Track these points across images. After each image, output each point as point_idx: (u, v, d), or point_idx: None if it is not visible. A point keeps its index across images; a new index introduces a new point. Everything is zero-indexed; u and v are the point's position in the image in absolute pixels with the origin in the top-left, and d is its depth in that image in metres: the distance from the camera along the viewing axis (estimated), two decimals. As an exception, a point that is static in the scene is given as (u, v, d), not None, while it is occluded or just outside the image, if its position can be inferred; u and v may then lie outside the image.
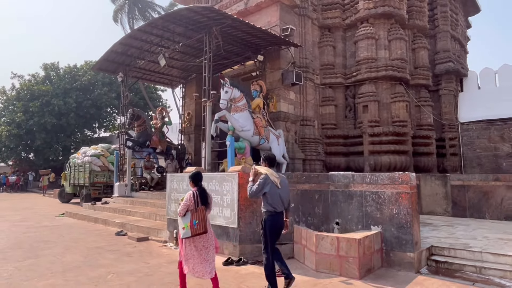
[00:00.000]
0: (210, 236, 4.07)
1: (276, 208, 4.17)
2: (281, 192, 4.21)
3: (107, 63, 12.73)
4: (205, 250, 4.01)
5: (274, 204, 4.17)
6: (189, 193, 4.09)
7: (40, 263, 5.55)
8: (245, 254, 5.66)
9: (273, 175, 4.20)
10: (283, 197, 4.23)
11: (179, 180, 6.97)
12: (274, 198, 4.16)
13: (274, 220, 4.19)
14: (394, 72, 12.28)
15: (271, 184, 4.14)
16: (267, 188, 4.14)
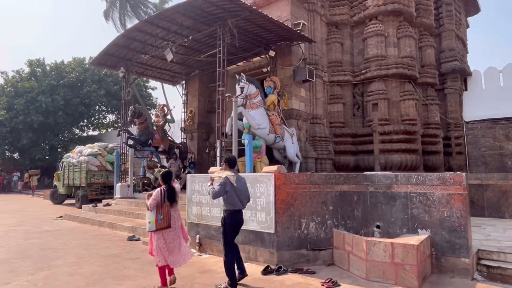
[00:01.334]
0: (177, 229, 4.48)
1: (235, 206, 4.54)
2: (240, 192, 4.56)
3: (107, 57, 12.06)
4: (173, 243, 4.42)
5: (234, 203, 4.52)
6: (157, 190, 4.43)
7: (57, 276, 4.99)
8: (283, 261, 5.27)
9: (232, 176, 4.51)
10: (241, 196, 4.58)
11: (202, 181, 6.50)
12: (233, 198, 4.50)
13: (233, 217, 4.56)
14: (404, 70, 12.11)
15: (230, 184, 4.45)
16: (228, 188, 4.43)
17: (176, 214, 4.50)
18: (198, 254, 6.21)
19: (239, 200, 4.55)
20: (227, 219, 4.56)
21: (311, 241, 5.45)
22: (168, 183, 4.51)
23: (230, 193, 4.47)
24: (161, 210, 4.28)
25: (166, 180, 4.53)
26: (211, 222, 6.25)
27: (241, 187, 4.59)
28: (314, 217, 5.50)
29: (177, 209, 4.56)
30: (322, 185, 5.60)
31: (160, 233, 4.34)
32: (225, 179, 4.44)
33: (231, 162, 4.71)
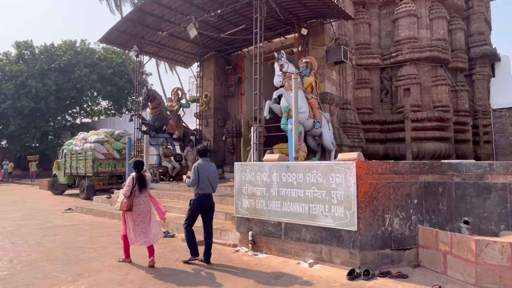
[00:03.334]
0: (146, 212, 4.91)
1: (205, 191, 5.02)
2: (210, 178, 5.02)
3: (118, 34, 10.94)
4: (142, 225, 4.85)
5: (204, 188, 5.00)
6: (129, 177, 4.91)
7: (105, 285, 4.13)
8: (366, 263, 4.54)
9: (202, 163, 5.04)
10: (212, 181, 5.06)
11: (256, 170, 5.67)
12: (204, 183, 4.97)
13: (201, 200, 5.05)
14: (438, 53, 11.41)
15: (201, 171, 4.93)
16: (200, 174, 4.93)
17: (146, 200, 4.96)
18: (253, 254, 5.43)
19: (211, 185, 5.05)
20: (197, 201, 5.04)
21: (395, 240, 4.72)
22: (139, 171, 4.92)
23: (203, 178, 4.94)
24: (130, 196, 4.81)
25: (136, 168, 4.96)
26: (268, 217, 5.46)
27: (212, 174, 5.10)
28: (398, 212, 4.77)
29: (147, 195, 5.01)
30: (406, 175, 4.85)
31: (129, 214, 4.85)
32: (196, 166, 4.99)
33: (201, 153, 5.21)
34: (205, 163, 5.08)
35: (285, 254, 5.24)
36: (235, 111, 13.27)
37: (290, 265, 4.86)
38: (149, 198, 5.02)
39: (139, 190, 4.82)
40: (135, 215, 4.81)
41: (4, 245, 5.96)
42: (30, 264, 4.86)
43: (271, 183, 5.45)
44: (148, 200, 5.01)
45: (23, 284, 4.08)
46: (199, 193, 5.00)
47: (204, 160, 5.11)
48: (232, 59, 13.48)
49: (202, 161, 5.08)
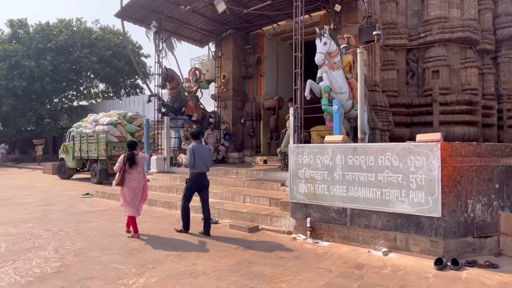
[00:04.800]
0: (139, 188, 5.39)
1: (199, 170, 5.51)
2: (204, 158, 5.51)
3: (135, 8, 10.26)
4: (133, 201, 5.35)
5: (198, 167, 5.48)
6: (121, 156, 5.43)
7: (174, 277, 3.75)
8: (449, 252, 4.23)
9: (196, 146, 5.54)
10: (206, 162, 5.56)
11: (315, 153, 5.26)
12: (199, 163, 5.46)
13: (197, 178, 5.54)
14: (470, 33, 11.03)
15: (196, 152, 5.42)
16: (196, 155, 5.42)
17: (139, 176, 5.41)
18: (313, 241, 5.08)
19: (205, 165, 5.54)
20: (192, 180, 5.56)
21: (477, 227, 4.42)
22: (131, 150, 5.44)
23: (198, 158, 5.42)
24: (120, 172, 5.29)
25: (130, 148, 5.50)
26: (330, 203, 5.10)
27: (206, 155, 5.61)
28: (480, 197, 4.44)
29: (140, 171, 5.43)
30: (488, 157, 4.51)
31: (124, 189, 5.37)
32: (191, 148, 5.47)
33: (194, 136, 5.74)
34: (199, 145, 5.64)
35: (351, 242, 4.91)
36: (254, 92, 12.76)
37: (361, 253, 4.53)
38: (142, 175, 5.48)
39: (129, 167, 5.30)
40: (129, 189, 5.32)
41: (39, 232, 5.50)
42: (79, 254, 4.43)
43: (334, 166, 5.06)
44: (141, 177, 5.46)
45: (84, 277, 3.66)
46: (194, 172, 5.52)
47: (198, 143, 5.67)
48: (251, 38, 12.87)
49: (195, 143, 5.62)
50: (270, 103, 11.82)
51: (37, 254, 4.40)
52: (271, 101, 11.79)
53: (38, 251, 4.53)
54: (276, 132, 11.60)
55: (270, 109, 11.85)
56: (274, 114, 11.70)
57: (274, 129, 11.65)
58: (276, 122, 11.66)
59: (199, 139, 5.82)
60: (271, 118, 11.77)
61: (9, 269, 3.86)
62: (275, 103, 11.71)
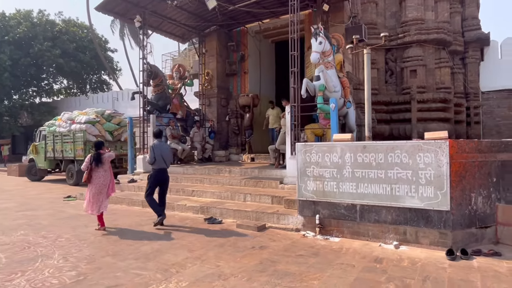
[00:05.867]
0: (105, 185, 5.79)
1: (160, 166, 6.05)
2: (164, 156, 6.06)
3: (117, 2, 9.81)
4: (97, 197, 5.72)
5: (159, 163, 6.03)
6: (88, 156, 5.86)
7: (210, 280, 3.70)
8: (456, 242, 4.51)
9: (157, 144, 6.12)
10: (166, 159, 6.11)
11: (324, 151, 5.36)
12: (159, 160, 6.01)
13: (157, 174, 6.08)
14: (444, 35, 11.70)
15: (156, 150, 5.97)
16: (155, 153, 5.95)
17: (105, 174, 5.83)
18: (323, 238, 5.19)
19: (165, 162, 6.08)
20: (153, 175, 6.08)
21: (479, 218, 4.74)
22: (97, 150, 5.85)
23: (158, 156, 5.96)
24: (87, 170, 5.69)
25: (96, 148, 5.91)
26: (340, 199, 5.23)
27: (166, 152, 6.16)
28: (481, 190, 4.77)
29: (106, 169, 5.85)
30: (487, 153, 4.85)
31: (90, 186, 5.75)
32: (152, 146, 6.05)
33: (156, 135, 6.39)
34: (159, 143, 6.17)
35: (361, 236, 5.08)
36: (238, 90, 12.71)
37: (374, 248, 4.71)
38: (109, 173, 5.89)
39: (95, 165, 5.71)
40: (95, 186, 5.69)
41: (37, 240, 5.17)
42: (92, 261, 4.23)
43: (344, 164, 5.20)
44: (108, 174, 5.86)
45: (109, 285, 3.50)
46: (155, 168, 6.05)
47: (159, 141, 6.22)
48: (234, 35, 12.78)
49: (156, 141, 6.19)
50: (244, 100, 11.70)
51: (46, 263, 4.14)
52: (246, 99, 11.68)
53: (45, 260, 4.26)
54: (251, 130, 11.60)
55: (245, 107, 11.72)
56: (249, 112, 11.58)
57: (249, 126, 11.60)
58: (251, 120, 11.60)
59: (160, 138, 6.38)
60: (246, 115, 11.63)
61: (22, 281, 3.61)
62: (249, 100, 11.61)
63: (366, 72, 6.34)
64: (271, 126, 10.78)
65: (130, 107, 24.10)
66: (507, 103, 13.82)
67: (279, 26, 12.09)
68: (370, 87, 6.38)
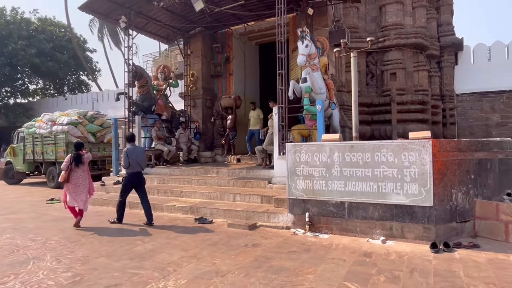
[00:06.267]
0: (84, 185, 6.05)
1: (133, 170, 6.22)
2: (138, 159, 6.21)
3: (102, 2, 9.68)
4: (74, 193, 5.97)
5: (132, 167, 6.18)
6: (68, 156, 6.08)
7: (209, 276, 3.77)
8: (439, 236, 4.77)
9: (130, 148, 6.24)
10: (140, 162, 6.27)
11: (313, 151, 5.54)
12: (133, 163, 6.15)
13: (131, 177, 6.25)
14: (422, 40, 12.19)
15: (129, 154, 6.12)
16: (129, 157, 6.10)
17: (84, 174, 6.06)
18: (313, 234, 5.36)
19: (139, 165, 6.24)
20: (127, 178, 6.27)
21: (459, 213, 5.04)
22: (77, 151, 6.08)
23: (132, 160, 6.10)
24: (66, 170, 5.89)
25: (75, 149, 6.15)
26: (329, 197, 5.42)
27: (140, 156, 6.31)
28: (461, 187, 5.07)
29: (85, 170, 6.10)
30: (466, 152, 5.16)
31: (69, 185, 5.93)
32: (125, 150, 6.17)
33: (128, 139, 6.51)
34: (133, 147, 6.31)
35: (349, 233, 5.28)
36: (223, 91, 12.77)
37: (362, 243, 4.91)
38: (87, 174, 6.13)
39: (75, 165, 5.92)
40: (74, 186, 5.92)
41: (25, 243, 5.07)
42: (87, 262, 4.21)
43: (332, 163, 5.39)
44: (86, 174, 6.11)
45: (108, 285, 3.52)
46: (129, 172, 6.21)
47: (132, 145, 6.36)
48: (219, 36, 12.85)
49: (130, 146, 6.32)
50: (227, 102, 11.64)
51: (38, 265, 4.09)
52: (228, 100, 11.63)
53: (37, 262, 4.21)
54: (234, 131, 11.58)
55: (227, 108, 11.69)
56: (232, 114, 11.56)
57: (232, 128, 11.57)
58: (234, 122, 11.58)
59: (134, 142, 6.54)
60: (228, 117, 11.59)
61: (16, 283, 3.57)
62: (232, 102, 11.58)
63: (353, 75, 6.57)
64: (252, 128, 10.88)
65: (110, 108, 23.70)
66: (479, 105, 14.55)
67: (263, 29, 12.25)
68: (356, 90, 6.61)
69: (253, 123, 10.89)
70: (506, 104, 14.22)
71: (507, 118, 14.24)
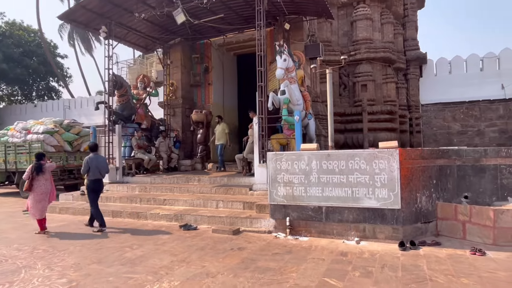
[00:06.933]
0: (46, 193, 6.35)
1: (95, 177, 6.67)
2: (99, 166, 6.71)
3: (82, 11, 9.74)
4: (42, 203, 6.31)
5: (94, 175, 6.65)
6: (29, 166, 6.43)
7: (200, 278, 4.04)
8: (406, 236, 5.29)
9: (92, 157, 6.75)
10: (101, 169, 6.74)
11: (292, 159, 5.95)
12: (94, 171, 6.64)
13: (94, 184, 6.70)
14: (390, 54, 13.08)
15: (90, 162, 6.62)
16: (90, 164, 6.61)
17: (46, 183, 6.38)
18: (294, 238, 5.75)
19: (100, 173, 6.72)
20: (90, 185, 6.69)
21: (423, 214, 5.60)
22: (38, 160, 6.41)
23: (93, 167, 6.60)
24: (28, 179, 6.23)
25: (37, 159, 6.48)
26: (308, 203, 5.84)
27: (101, 164, 6.82)
28: (425, 191, 5.65)
29: (47, 178, 6.42)
30: (428, 159, 5.75)
31: (32, 194, 6.25)
32: (87, 158, 6.70)
33: (91, 148, 6.99)
34: (95, 156, 6.79)
35: (327, 235, 5.72)
36: (202, 100, 13.04)
37: (339, 244, 5.36)
38: (49, 182, 6.45)
39: (36, 174, 6.23)
40: (36, 194, 6.22)
41: (11, 253, 5.11)
42: (79, 269, 4.36)
43: (311, 171, 5.83)
44: (49, 183, 6.42)
45: (105, 288, 3.73)
46: (91, 179, 6.67)
47: (94, 154, 6.83)
48: (197, 47, 13.14)
49: (92, 154, 6.79)
50: (198, 117, 11.61)
51: (31, 273, 4.20)
52: (200, 115, 11.61)
53: (29, 270, 4.31)
54: (205, 145, 11.68)
55: (198, 123, 11.69)
56: (203, 128, 11.61)
57: (203, 142, 11.64)
58: (205, 136, 11.64)
59: (96, 151, 6.99)
60: (199, 131, 11.63)
61: (13, 290, 3.69)
62: (203, 117, 11.60)
63: (329, 90, 7.10)
64: (217, 142, 10.79)
65: (83, 116, 23.26)
66: (442, 114, 15.68)
67: (241, 41, 12.68)
68: (332, 102, 7.13)
69: (217, 137, 10.79)
70: (466, 114, 15.41)
71: (466, 126, 15.43)
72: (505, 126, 14.83)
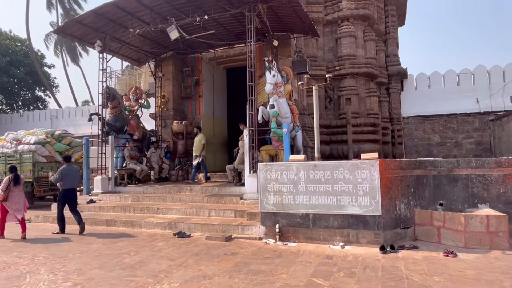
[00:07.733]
0: (20, 203, 7.02)
1: (67, 187, 7.29)
2: (73, 178, 7.37)
3: (78, 26, 10.06)
4: (14, 210, 6.95)
5: (66, 184, 7.27)
6: (6, 177, 7.00)
7: (198, 279, 4.36)
8: (386, 240, 5.73)
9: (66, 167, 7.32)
10: (74, 180, 7.43)
11: (282, 169, 6.36)
12: (66, 181, 7.23)
13: (65, 193, 7.30)
14: (372, 69, 13.79)
15: (64, 173, 7.17)
16: (63, 175, 7.16)
17: (20, 193, 7.02)
18: (283, 243, 6.13)
19: (72, 183, 7.36)
20: (62, 194, 7.30)
21: (402, 220, 6.07)
22: (14, 172, 7.03)
23: (65, 178, 7.17)
24: (5, 190, 6.80)
25: (12, 171, 7.07)
26: (296, 210, 6.24)
27: (74, 174, 7.41)
28: (403, 198, 6.13)
29: (20, 189, 7.06)
30: (406, 169, 6.26)
31: (6, 203, 6.87)
32: (61, 169, 7.23)
33: (66, 159, 7.64)
34: (68, 167, 7.37)
35: (314, 240, 6.11)
36: (193, 112, 13.40)
37: (325, 248, 5.75)
38: (22, 192, 7.11)
39: (13, 186, 6.84)
40: (12, 203, 6.87)
41: (13, 260, 5.30)
42: (82, 273, 4.61)
43: (299, 180, 6.25)
44: (21, 194, 7.08)
45: (109, 290, 4.01)
46: (63, 188, 7.26)
47: (68, 165, 7.42)
48: (189, 61, 13.56)
49: (66, 165, 7.37)
50: (178, 128, 11.89)
51: (36, 278, 4.44)
52: (180, 126, 11.89)
53: (33, 275, 4.54)
54: (185, 158, 11.81)
55: (178, 134, 11.96)
56: (183, 139, 11.82)
57: (182, 154, 11.80)
58: (185, 147, 11.81)
59: (69, 162, 7.63)
60: (179, 142, 11.82)
61: (22, 293, 3.93)
62: (182, 128, 11.87)
63: (315, 105, 7.59)
64: (194, 153, 10.85)
65: (71, 126, 23.23)
66: (422, 127, 16.46)
67: (231, 55, 13.16)
68: (318, 116, 7.62)
69: (195, 149, 10.85)
70: (444, 126, 16.23)
71: (445, 138, 16.23)
72: (481, 138, 15.69)
